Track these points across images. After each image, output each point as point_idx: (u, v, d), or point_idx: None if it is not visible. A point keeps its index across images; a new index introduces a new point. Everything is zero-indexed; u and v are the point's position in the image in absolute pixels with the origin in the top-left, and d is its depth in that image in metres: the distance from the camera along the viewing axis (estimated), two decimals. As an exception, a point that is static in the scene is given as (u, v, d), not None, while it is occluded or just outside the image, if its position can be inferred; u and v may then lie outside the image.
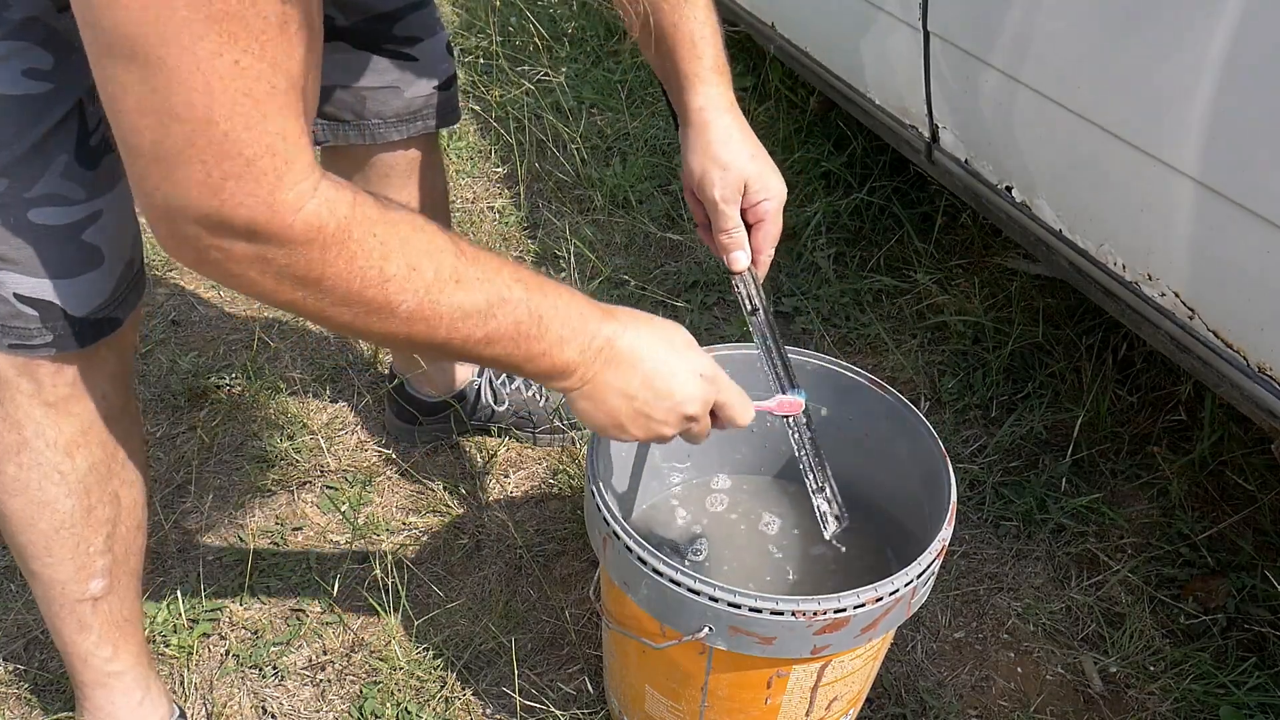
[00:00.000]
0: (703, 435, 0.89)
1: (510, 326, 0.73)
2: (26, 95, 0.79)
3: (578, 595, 1.39)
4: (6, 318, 0.85)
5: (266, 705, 1.27)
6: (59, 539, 0.98)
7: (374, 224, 0.66)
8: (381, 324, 0.69)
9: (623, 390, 0.81)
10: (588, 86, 2.62)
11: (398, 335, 0.70)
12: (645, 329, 0.83)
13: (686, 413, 0.84)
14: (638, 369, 0.81)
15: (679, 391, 0.83)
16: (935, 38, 1.43)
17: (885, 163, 2.14)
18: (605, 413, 0.83)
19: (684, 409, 0.84)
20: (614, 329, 0.80)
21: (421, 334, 0.70)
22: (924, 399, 1.71)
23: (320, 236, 0.63)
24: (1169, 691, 1.28)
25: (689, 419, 0.85)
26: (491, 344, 0.74)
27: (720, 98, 0.99)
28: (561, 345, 0.77)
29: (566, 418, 1.61)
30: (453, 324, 0.71)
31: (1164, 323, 1.18)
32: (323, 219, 0.62)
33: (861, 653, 0.96)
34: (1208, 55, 0.99)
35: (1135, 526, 1.49)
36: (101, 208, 0.86)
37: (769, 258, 1.03)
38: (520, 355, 0.76)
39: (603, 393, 0.81)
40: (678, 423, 0.85)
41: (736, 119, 1.00)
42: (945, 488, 0.97)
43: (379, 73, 1.21)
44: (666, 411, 0.83)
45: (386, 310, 0.68)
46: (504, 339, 0.74)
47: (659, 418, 0.84)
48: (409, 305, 0.68)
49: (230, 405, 1.69)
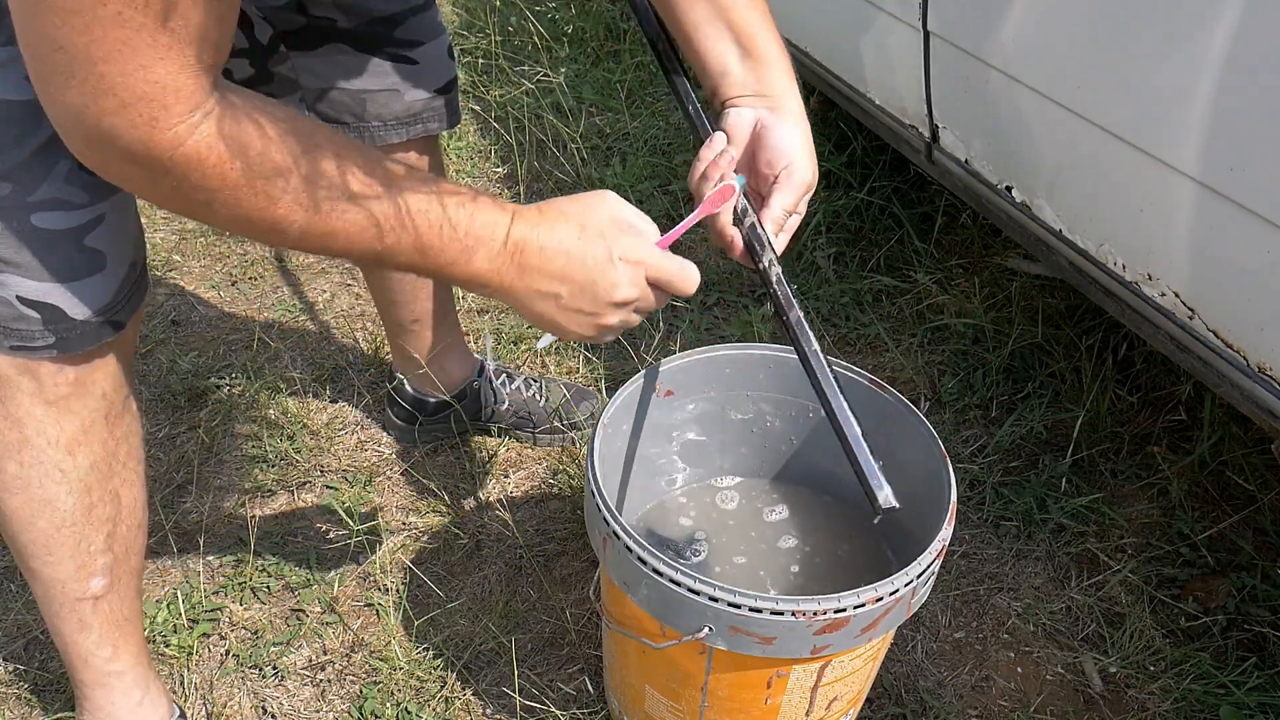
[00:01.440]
0: (652, 309, 0.86)
1: (410, 239, 0.73)
2: (30, 101, 0.78)
3: (578, 595, 1.39)
4: (9, 320, 0.85)
5: (266, 705, 1.27)
6: (59, 537, 0.98)
7: (262, 152, 0.67)
8: (279, 239, 0.71)
9: (543, 291, 0.80)
10: (588, 86, 2.62)
11: (297, 248, 0.73)
12: (556, 221, 0.79)
13: (616, 299, 0.81)
14: (550, 266, 0.79)
15: (600, 280, 0.80)
16: (935, 38, 1.43)
17: (885, 163, 2.14)
18: (536, 315, 0.82)
19: (612, 295, 0.81)
20: (521, 230, 0.77)
21: (318, 248, 0.72)
22: (924, 399, 1.71)
23: (201, 167, 0.65)
24: (1169, 691, 1.28)
25: (624, 303, 0.82)
26: (394, 255, 0.74)
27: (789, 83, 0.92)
28: (469, 255, 0.76)
29: (566, 418, 1.61)
30: (349, 239, 0.72)
31: (1164, 323, 1.18)
32: (201, 154, 0.64)
33: (861, 653, 0.96)
34: (1208, 55, 0.99)
35: (1135, 526, 1.49)
36: (104, 211, 0.86)
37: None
38: (429, 266, 0.76)
39: (525, 297, 0.80)
40: (613, 310, 0.82)
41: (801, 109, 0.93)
42: (945, 488, 0.97)
43: (379, 75, 1.21)
44: (595, 302, 0.81)
45: (278, 230, 0.70)
46: (406, 250, 0.74)
47: (591, 309, 0.81)
48: (299, 224, 0.70)
49: (230, 405, 1.69)
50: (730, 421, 1.20)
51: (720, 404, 1.19)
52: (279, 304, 1.95)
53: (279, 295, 1.98)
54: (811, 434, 1.19)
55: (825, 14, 1.80)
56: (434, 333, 1.52)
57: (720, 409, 1.19)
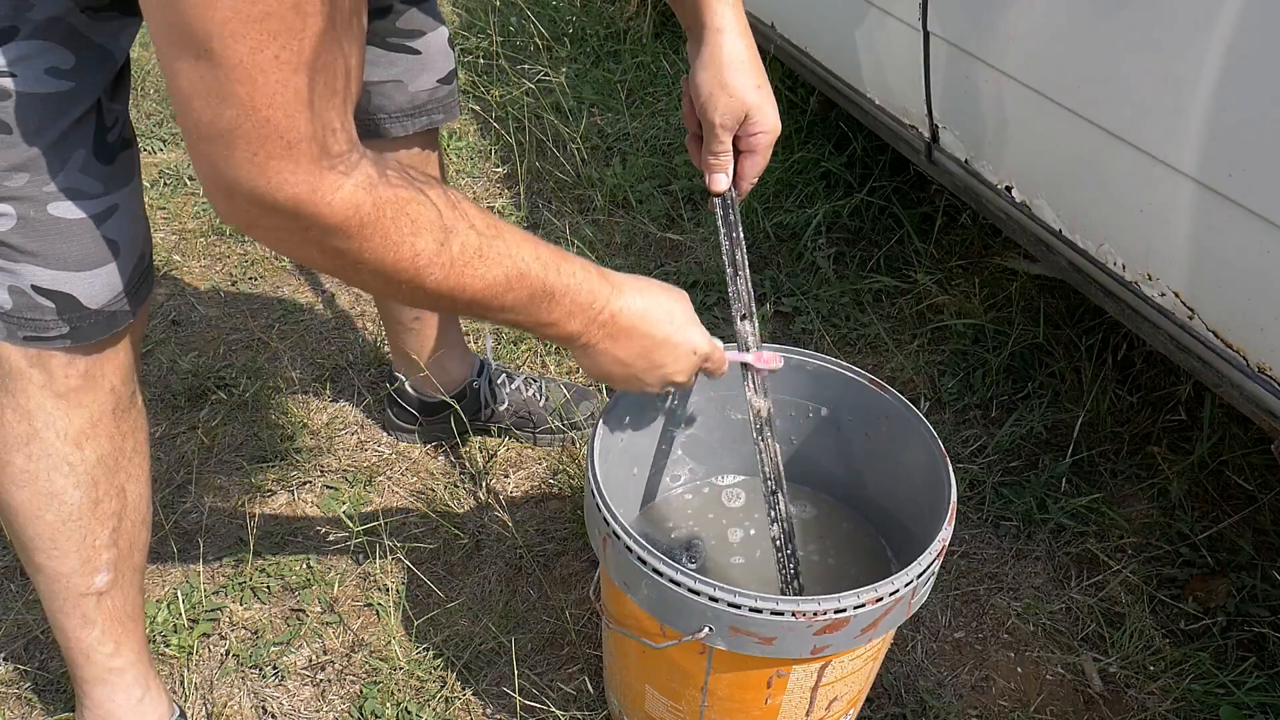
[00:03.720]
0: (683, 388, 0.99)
1: (525, 298, 0.81)
2: (48, 94, 0.81)
3: (578, 595, 1.39)
4: (23, 309, 0.87)
5: (267, 705, 1.27)
6: (65, 531, 0.99)
7: (406, 203, 0.71)
8: (410, 293, 0.76)
9: (620, 359, 0.90)
10: (588, 86, 2.62)
11: (424, 303, 0.79)
12: (650, 303, 0.90)
13: (673, 381, 0.95)
14: (637, 343, 0.89)
15: (671, 366, 0.92)
16: (935, 38, 1.43)
17: (885, 163, 2.15)
18: (601, 373, 0.92)
19: (672, 379, 0.94)
20: (620, 304, 0.87)
21: (445, 303, 0.78)
22: (924, 399, 1.71)
23: (357, 215, 0.69)
24: (1169, 691, 1.28)
25: (674, 384, 0.95)
26: (506, 312, 0.81)
27: (737, 20, 1.00)
28: (569, 318, 0.84)
29: (566, 418, 1.61)
30: (474, 295, 0.78)
31: (1164, 323, 1.18)
32: (359, 200, 0.68)
33: (861, 653, 0.96)
34: (1207, 55, 0.99)
35: (1135, 526, 1.49)
36: (117, 202, 0.88)
37: (751, 185, 1.06)
38: (530, 323, 0.84)
39: (602, 358, 0.90)
40: (663, 386, 0.95)
41: (749, 44, 1.00)
42: (945, 488, 0.97)
43: (383, 67, 1.21)
44: (656, 379, 0.93)
45: (416, 282, 0.74)
46: (518, 309, 0.82)
47: (649, 382, 0.93)
48: (436, 278, 0.75)
49: (230, 405, 1.69)
50: (730, 421, 1.20)
51: (720, 404, 1.19)
52: (279, 304, 1.95)
53: (279, 295, 1.98)
54: (811, 434, 1.19)
55: (825, 14, 1.80)
56: (435, 332, 1.52)
57: (720, 409, 1.19)
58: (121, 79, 0.88)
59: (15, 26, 0.78)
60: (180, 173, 2.34)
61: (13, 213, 0.83)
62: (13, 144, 0.81)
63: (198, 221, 2.18)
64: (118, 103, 0.88)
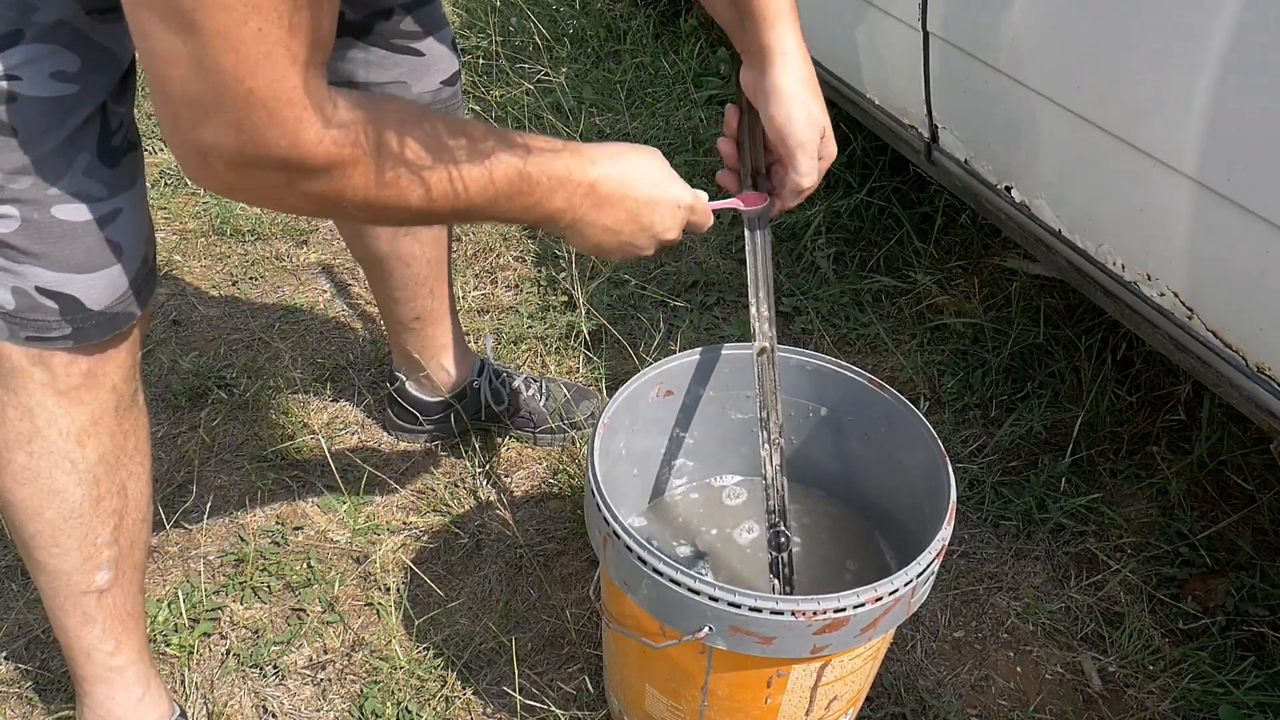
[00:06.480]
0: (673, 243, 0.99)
1: (505, 187, 0.81)
2: (54, 97, 0.81)
3: (578, 595, 1.39)
4: (26, 310, 0.87)
5: (267, 704, 1.27)
6: (67, 529, 0.99)
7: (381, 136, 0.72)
8: (397, 214, 0.77)
9: (608, 227, 0.90)
10: (588, 86, 2.62)
11: (410, 220, 0.79)
12: (626, 166, 0.89)
13: (665, 239, 0.95)
14: (622, 208, 0.89)
15: (660, 224, 0.92)
16: (935, 38, 1.44)
17: (885, 163, 2.15)
18: (592, 244, 0.92)
19: (663, 236, 0.94)
20: (596, 172, 0.87)
21: (427, 215, 0.79)
22: (924, 399, 1.71)
23: (339, 161, 0.70)
24: (1168, 691, 1.28)
25: (666, 242, 0.95)
26: (489, 207, 0.82)
27: (799, 43, 1.00)
28: (550, 195, 0.84)
29: (567, 417, 1.62)
30: (455, 203, 0.78)
31: (1163, 323, 1.18)
32: (339, 146, 0.69)
33: (861, 652, 0.97)
34: (1207, 55, 0.99)
35: (1135, 526, 1.49)
36: (121, 205, 0.88)
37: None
38: (515, 211, 0.83)
39: (590, 229, 0.89)
40: (655, 245, 0.95)
41: (810, 64, 1.02)
42: (945, 488, 0.97)
43: (387, 68, 1.21)
44: (648, 240, 0.93)
45: (399, 204, 0.75)
46: (498, 202, 0.82)
47: (640, 244, 0.93)
48: (419, 194, 0.76)
49: (231, 405, 1.69)
50: (730, 421, 1.20)
51: (720, 404, 1.19)
52: (279, 304, 1.95)
53: (279, 295, 1.98)
54: (811, 434, 1.19)
55: (824, 14, 1.81)
56: (435, 332, 1.52)
57: (720, 409, 1.19)
58: (126, 82, 0.88)
59: (20, 30, 0.78)
60: (181, 173, 2.34)
61: (17, 215, 0.83)
62: (17, 147, 0.81)
63: (198, 221, 2.19)
64: (122, 105, 0.88)
